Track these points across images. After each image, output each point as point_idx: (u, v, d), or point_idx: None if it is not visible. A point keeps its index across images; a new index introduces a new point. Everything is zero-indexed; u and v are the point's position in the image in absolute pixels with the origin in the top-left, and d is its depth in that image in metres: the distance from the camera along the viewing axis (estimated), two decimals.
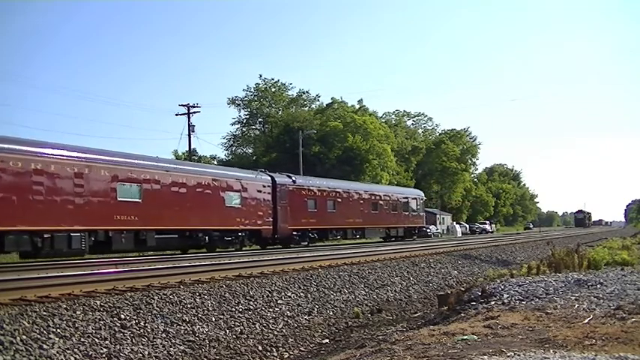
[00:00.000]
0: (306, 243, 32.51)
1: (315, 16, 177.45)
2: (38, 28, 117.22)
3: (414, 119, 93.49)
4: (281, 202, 30.55)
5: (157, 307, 10.11)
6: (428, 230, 64.02)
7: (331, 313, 13.14)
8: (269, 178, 30.65)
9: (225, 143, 66.45)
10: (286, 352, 10.08)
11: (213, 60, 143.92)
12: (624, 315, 6.42)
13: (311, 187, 33.90)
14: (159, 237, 22.81)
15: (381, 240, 41.25)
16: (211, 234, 25.69)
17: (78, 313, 8.95)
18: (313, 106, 67.50)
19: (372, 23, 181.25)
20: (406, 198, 45.51)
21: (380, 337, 8.60)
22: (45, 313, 8.59)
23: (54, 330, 8.17)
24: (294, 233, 31.51)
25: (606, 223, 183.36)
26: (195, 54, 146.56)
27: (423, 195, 50.99)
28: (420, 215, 47.31)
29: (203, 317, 10.42)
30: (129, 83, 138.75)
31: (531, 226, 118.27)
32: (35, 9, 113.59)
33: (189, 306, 10.62)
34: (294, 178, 32.71)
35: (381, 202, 41.01)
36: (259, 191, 29.28)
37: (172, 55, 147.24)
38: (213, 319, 10.54)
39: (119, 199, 21.34)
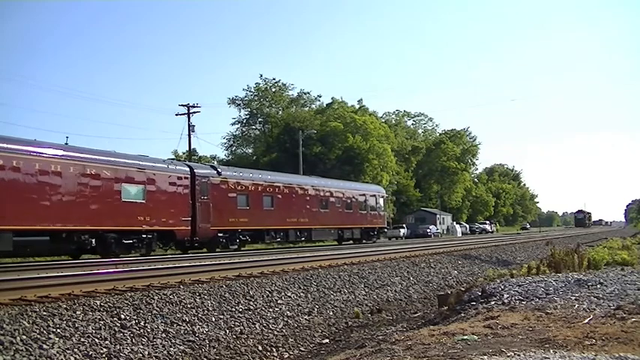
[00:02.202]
0: (236, 247, 27.95)
1: (316, 16, 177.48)
2: (35, 26, 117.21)
3: (414, 119, 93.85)
4: (202, 198, 26.06)
5: (157, 307, 10.10)
6: (428, 230, 64.28)
7: (331, 313, 13.14)
8: (186, 169, 26.21)
9: (225, 143, 66.57)
10: (286, 352, 10.08)
11: (213, 60, 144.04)
12: (624, 315, 6.41)
13: (242, 181, 29.18)
14: (18, 239, 18.14)
15: (335, 243, 37.46)
16: (103, 236, 21.16)
17: (78, 313, 8.95)
18: (313, 106, 67.60)
19: (372, 23, 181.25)
20: (363, 195, 40.71)
21: (380, 337, 8.60)
22: (45, 313, 8.60)
23: (54, 330, 8.17)
24: (220, 235, 27.05)
25: (606, 223, 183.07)
26: (195, 54, 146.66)
27: (384, 191, 46.16)
28: (380, 215, 42.43)
29: (203, 317, 10.42)
30: (129, 83, 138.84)
31: (528, 226, 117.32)
32: (33, 7, 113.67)
33: (189, 306, 10.62)
34: (219, 170, 28.45)
35: (332, 198, 36.47)
36: (172, 184, 24.74)
37: (172, 54, 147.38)
38: (213, 319, 10.54)
39: None
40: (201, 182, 26.34)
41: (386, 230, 45.76)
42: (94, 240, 20.75)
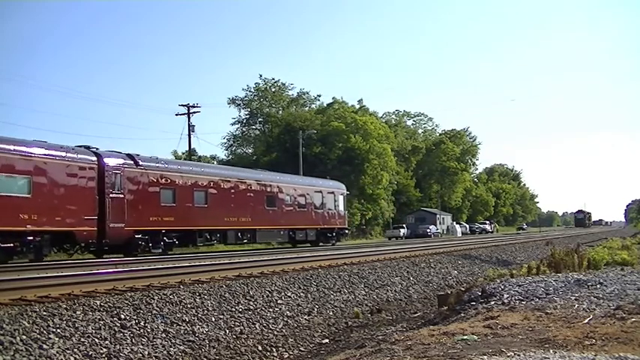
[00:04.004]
0: (160, 250, 23.83)
1: (316, 16, 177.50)
2: (35, 26, 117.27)
3: (414, 119, 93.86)
4: (113, 192, 21.98)
5: (157, 307, 10.11)
6: (428, 230, 64.32)
7: (331, 313, 13.14)
8: (92, 157, 21.74)
9: (225, 143, 66.50)
10: (286, 352, 10.08)
11: (213, 60, 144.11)
12: (624, 315, 6.42)
13: (167, 173, 25.06)
14: None
15: (289, 245, 33.52)
16: None
17: (78, 313, 8.95)
18: (313, 106, 67.57)
19: (372, 23, 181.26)
20: (319, 192, 36.13)
21: (380, 337, 8.61)
22: (45, 313, 8.60)
23: (54, 330, 8.18)
24: (138, 236, 22.98)
25: (606, 223, 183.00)
26: (195, 54, 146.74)
27: (345, 188, 40.41)
28: (340, 214, 37.93)
29: (203, 317, 10.43)
30: (129, 83, 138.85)
31: (525, 226, 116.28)
32: (33, 7, 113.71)
33: (189, 306, 10.62)
34: (137, 160, 23.84)
35: (281, 195, 32.21)
36: (72, 175, 20.59)
37: (172, 54, 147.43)
38: (213, 319, 10.55)
39: None
40: (113, 174, 22.24)
41: (347, 231, 40.63)
42: None
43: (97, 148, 22.82)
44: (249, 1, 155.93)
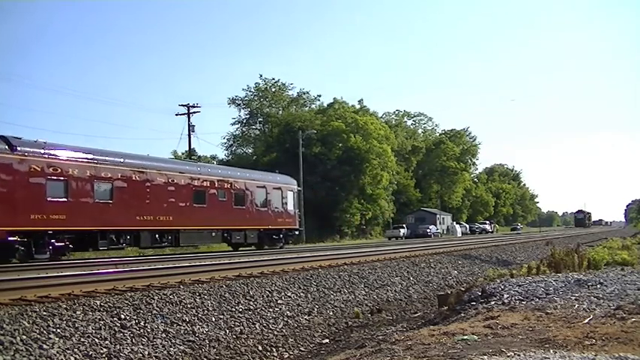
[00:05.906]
0: (47, 256, 19.57)
1: (316, 16, 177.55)
2: (37, 26, 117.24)
3: (414, 119, 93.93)
4: None
5: (157, 307, 10.11)
6: (428, 230, 64.33)
7: (331, 313, 13.14)
8: None
9: (225, 143, 66.50)
10: (286, 352, 10.08)
11: (214, 60, 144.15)
12: (624, 315, 6.42)
13: (56, 161, 20.40)
14: None
15: (230, 250, 29.11)
16: None
17: (78, 313, 8.95)
18: (313, 106, 67.55)
19: (371, 23, 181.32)
20: (262, 187, 31.22)
21: (380, 337, 8.60)
22: (45, 313, 8.61)
23: (54, 330, 8.18)
24: (13, 239, 18.64)
25: (606, 223, 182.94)
26: (196, 54, 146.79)
27: (295, 183, 35.36)
28: (289, 213, 33.00)
29: (203, 317, 10.43)
30: (129, 83, 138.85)
31: (519, 226, 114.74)
32: (36, 7, 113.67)
33: (189, 306, 10.62)
34: (13, 143, 19.24)
35: (212, 190, 27.52)
36: None
37: (173, 54, 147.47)
38: (213, 319, 10.55)
39: None
40: None
41: (297, 232, 35.56)
42: None
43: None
44: (250, 1, 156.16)
